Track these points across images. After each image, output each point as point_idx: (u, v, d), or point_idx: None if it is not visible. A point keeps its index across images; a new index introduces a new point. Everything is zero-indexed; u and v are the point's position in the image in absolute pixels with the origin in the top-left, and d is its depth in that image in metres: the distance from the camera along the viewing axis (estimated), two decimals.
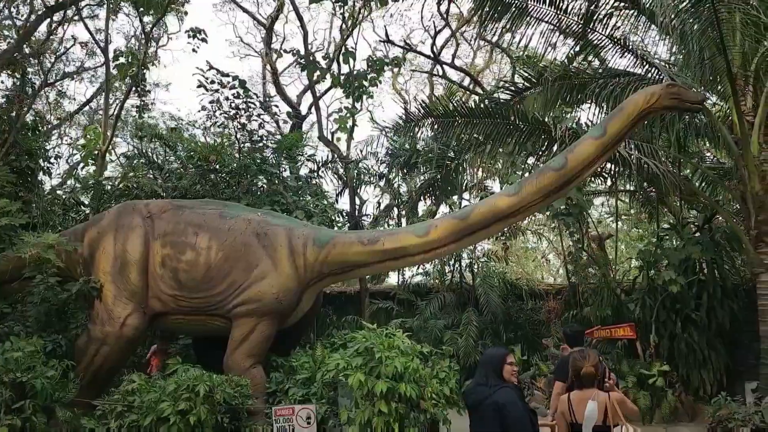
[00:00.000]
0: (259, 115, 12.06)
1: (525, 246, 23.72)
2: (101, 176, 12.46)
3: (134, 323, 7.24)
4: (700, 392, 10.01)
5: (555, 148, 10.39)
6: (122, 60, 14.62)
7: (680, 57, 9.99)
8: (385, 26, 28.99)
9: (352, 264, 7.50)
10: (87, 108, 21.86)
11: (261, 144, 12.06)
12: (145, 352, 8.89)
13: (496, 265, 14.42)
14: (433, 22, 20.59)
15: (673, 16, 8.54)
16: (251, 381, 6.72)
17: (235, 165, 11.22)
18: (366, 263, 7.51)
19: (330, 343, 8.12)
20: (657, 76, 9.53)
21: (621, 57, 10.48)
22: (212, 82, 11.47)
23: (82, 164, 14.64)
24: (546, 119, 10.25)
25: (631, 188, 12.69)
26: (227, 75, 11.56)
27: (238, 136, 11.87)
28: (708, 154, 12.74)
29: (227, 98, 11.56)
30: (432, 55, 20.62)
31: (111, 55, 14.89)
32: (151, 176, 11.63)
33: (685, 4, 8.40)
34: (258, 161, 11.46)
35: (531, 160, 12.49)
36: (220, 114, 11.74)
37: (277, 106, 15.41)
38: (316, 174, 13.63)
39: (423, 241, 7.07)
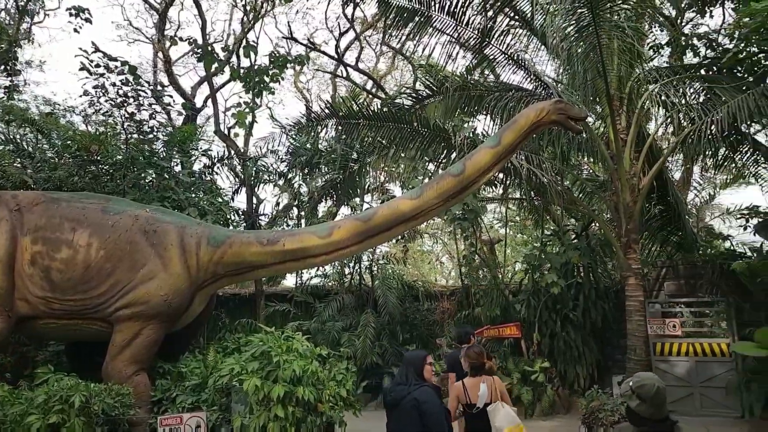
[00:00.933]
0: (150, 105, 11.29)
1: (421, 249, 24.39)
2: None
3: None
4: (575, 386, 10.86)
5: (454, 155, 10.80)
6: None
7: (566, 77, 10.81)
8: (288, 23, 28.46)
9: (249, 265, 7.22)
10: None
11: (151, 136, 11.31)
12: (8, 360, 7.94)
13: (394, 267, 14.64)
14: (338, 23, 20.63)
15: (561, 38, 9.22)
16: (134, 389, 6.27)
17: (120, 157, 10.42)
18: (265, 264, 7.26)
19: (222, 348, 7.80)
20: (545, 93, 10.25)
21: (514, 73, 11.18)
22: (97, 65, 10.56)
23: None
24: (446, 127, 10.61)
25: (519, 196, 13.48)
26: (115, 59, 10.69)
27: (126, 125, 11.03)
28: (585, 167, 13.89)
29: (114, 84, 10.69)
30: (336, 56, 20.60)
31: None
32: (20, 165, 10.46)
33: (572, 28, 9.05)
34: (147, 154, 10.73)
35: (431, 166, 12.86)
36: (105, 101, 10.83)
37: (170, 96, 14.49)
38: (210, 170, 13.02)
39: (325, 242, 6.99)
